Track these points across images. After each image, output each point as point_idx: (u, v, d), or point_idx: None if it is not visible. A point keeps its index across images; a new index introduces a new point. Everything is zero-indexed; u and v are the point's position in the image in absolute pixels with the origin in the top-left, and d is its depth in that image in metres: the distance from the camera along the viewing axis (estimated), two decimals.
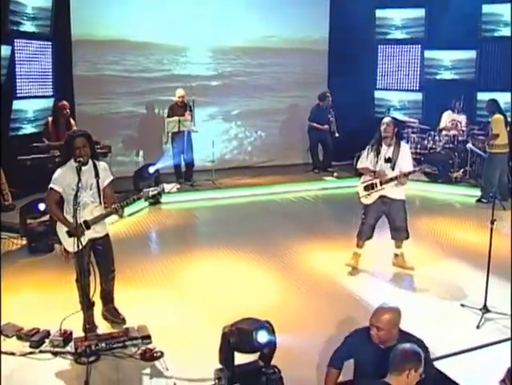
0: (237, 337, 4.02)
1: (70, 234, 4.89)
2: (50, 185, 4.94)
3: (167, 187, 10.34)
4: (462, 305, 5.68)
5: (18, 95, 9.58)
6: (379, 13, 12.88)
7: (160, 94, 11.70)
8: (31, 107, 9.91)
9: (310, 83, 12.71)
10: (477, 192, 10.11)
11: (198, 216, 9.55)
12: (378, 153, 6.51)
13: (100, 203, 5.06)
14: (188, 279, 6.62)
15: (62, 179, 4.91)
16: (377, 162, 6.50)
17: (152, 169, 9.92)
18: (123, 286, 5.95)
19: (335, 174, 11.58)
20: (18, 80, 9.54)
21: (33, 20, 9.70)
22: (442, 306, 5.82)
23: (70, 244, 4.82)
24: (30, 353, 4.78)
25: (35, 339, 4.87)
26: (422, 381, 3.37)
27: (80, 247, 4.68)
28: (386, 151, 6.49)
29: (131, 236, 8.25)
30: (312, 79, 12.89)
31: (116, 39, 11.36)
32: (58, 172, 4.96)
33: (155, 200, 9.84)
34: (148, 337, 4.95)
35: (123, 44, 11.46)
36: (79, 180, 4.72)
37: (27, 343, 4.88)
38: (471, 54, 12.17)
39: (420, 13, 12.51)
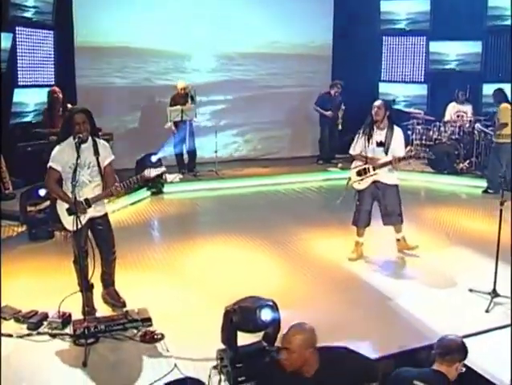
0: (240, 315, 3.93)
1: (70, 212, 4.78)
2: (49, 164, 4.84)
3: (169, 177, 10.33)
4: (470, 290, 5.55)
5: (19, 84, 9.48)
6: (383, 5, 12.72)
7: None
8: (33, 96, 9.80)
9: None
10: (483, 183, 9.97)
11: (201, 205, 9.47)
12: (370, 137, 6.35)
13: (101, 182, 4.94)
14: (190, 265, 6.51)
15: (61, 156, 4.80)
16: (369, 146, 6.34)
17: (154, 158, 9.78)
18: (124, 271, 5.83)
19: (340, 165, 11.45)
20: (19, 68, 9.44)
21: (34, 10, 9.63)
22: (449, 291, 5.69)
23: (69, 222, 4.71)
24: (28, 335, 4.68)
25: (33, 321, 4.77)
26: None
27: (80, 226, 4.59)
28: (378, 135, 6.34)
29: (132, 224, 8.15)
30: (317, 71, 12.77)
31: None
32: (57, 148, 4.85)
33: (157, 190, 9.83)
34: (149, 319, 4.85)
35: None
36: (78, 156, 4.62)
37: (25, 325, 4.78)
38: (476, 45, 12.04)
39: (425, 4, 12.37)
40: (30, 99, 9.72)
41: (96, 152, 4.88)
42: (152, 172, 4.99)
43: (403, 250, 6.74)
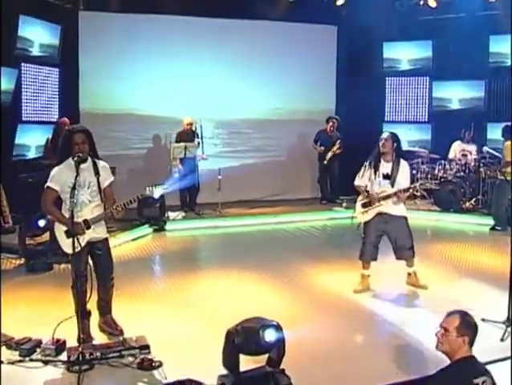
0: (242, 336, 3.73)
1: (69, 235, 4.63)
2: (47, 184, 4.75)
3: (172, 214, 10.21)
4: (483, 319, 5.30)
5: (23, 119, 9.50)
6: (386, 46, 12.85)
7: None
8: (36, 132, 9.81)
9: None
10: (491, 221, 9.80)
11: (203, 241, 9.33)
12: (376, 169, 6.26)
13: (101, 202, 4.81)
14: (191, 296, 6.32)
15: (59, 177, 4.71)
16: (375, 178, 6.26)
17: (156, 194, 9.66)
18: (123, 302, 5.68)
19: (344, 204, 11.32)
20: (23, 104, 9.48)
21: (40, 47, 9.80)
22: None
23: (68, 245, 4.56)
24: (20, 361, 4.46)
25: (26, 348, 4.56)
26: None
27: (79, 248, 4.44)
28: (385, 167, 6.25)
29: (133, 258, 7.99)
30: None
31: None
32: (55, 170, 4.76)
33: (159, 227, 9.69)
34: (147, 347, 4.62)
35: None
36: (77, 176, 4.51)
37: (17, 352, 4.56)
38: (479, 84, 12.08)
39: (427, 45, 12.47)
40: (33, 135, 9.71)
41: (96, 173, 4.78)
42: (154, 191, 4.90)
43: (412, 285, 6.54)
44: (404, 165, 6.30)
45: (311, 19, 12.00)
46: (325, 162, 11.60)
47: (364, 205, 6.36)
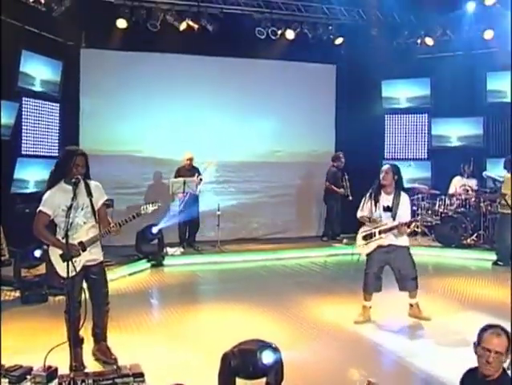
0: (239, 358, 3.61)
1: (64, 258, 4.53)
2: (40, 208, 4.64)
3: (170, 250, 10.11)
4: None
5: (22, 153, 9.50)
6: (385, 84, 12.96)
7: None
8: (36, 167, 9.80)
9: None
10: (493, 256, 9.70)
11: (202, 276, 9.17)
12: (377, 201, 6.22)
13: (96, 223, 4.74)
14: (188, 327, 6.19)
15: (51, 201, 4.63)
16: (375, 210, 6.20)
17: (155, 229, 9.59)
18: (119, 332, 5.61)
19: (345, 240, 11.25)
20: (23, 138, 9.51)
21: (41, 85, 9.91)
22: (466, 353, 5.29)
23: (63, 269, 4.47)
24: None
25: (16, 374, 4.42)
26: None
27: (74, 272, 4.35)
28: (385, 200, 6.20)
29: (130, 292, 7.87)
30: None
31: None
32: (48, 194, 4.68)
33: (157, 262, 9.57)
34: (141, 375, 4.48)
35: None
36: (74, 198, 4.45)
37: (7, 380, 4.41)
38: (478, 121, 12.14)
39: (425, 83, 12.59)
40: (32, 170, 9.70)
41: (89, 194, 4.71)
42: (148, 208, 4.81)
43: (414, 317, 6.40)
44: (404, 198, 6.25)
45: (310, 58, 12.18)
46: (350, 198, 11.32)
47: (365, 238, 6.29)
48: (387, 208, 6.17)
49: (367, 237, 6.26)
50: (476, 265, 9.78)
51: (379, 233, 6.16)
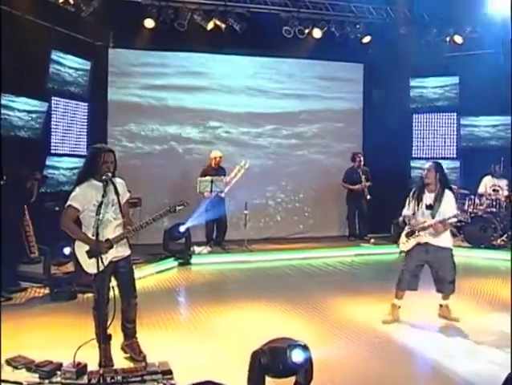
0: (268, 357, 3.58)
1: (90, 255, 4.56)
2: (69, 202, 4.63)
3: (197, 249, 10.13)
4: None
5: (51, 152, 9.62)
6: (413, 82, 12.82)
7: None
8: (66, 165, 9.93)
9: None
10: None
11: (229, 275, 9.14)
12: (420, 200, 6.14)
13: (122, 220, 4.75)
14: (217, 325, 6.17)
15: (83, 197, 4.62)
16: (418, 209, 6.13)
17: (182, 228, 9.63)
18: (147, 330, 5.61)
19: (372, 240, 11.15)
20: (53, 137, 9.62)
21: (71, 85, 10.02)
22: (496, 355, 5.21)
23: (90, 265, 4.51)
24: (39, 384, 4.34)
25: (46, 370, 4.45)
26: None
27: (102, 268, 4.37)
28: (428, 198, 6.12)
29: (158, 290, 7.90)
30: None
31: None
32: (77, 190, 4.66)
33: (185, 261, 9.60)
34: (170, 372, 4.48)
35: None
36: (105, 195, 4.47)
37: (37, 375, 4.45)
38: (507, 119, 11.90)
39: (454, 81, 12.42)
40: (61, 168, 9.82)
41: (116, 191, 4.71)
42: (176, 208, 4.81)
43: (444, 317, 6.32)
44: (448, 195, 6.11)
45: (338, 57, 12.15)
46: (368, 197, 11.27)
47: (407, 235, 6.23)
48: (428, 207, 6.09)
49: (409, 235, 6.20)
50: (505, 266, 9.55)
51: (418, 230, 6.10)
